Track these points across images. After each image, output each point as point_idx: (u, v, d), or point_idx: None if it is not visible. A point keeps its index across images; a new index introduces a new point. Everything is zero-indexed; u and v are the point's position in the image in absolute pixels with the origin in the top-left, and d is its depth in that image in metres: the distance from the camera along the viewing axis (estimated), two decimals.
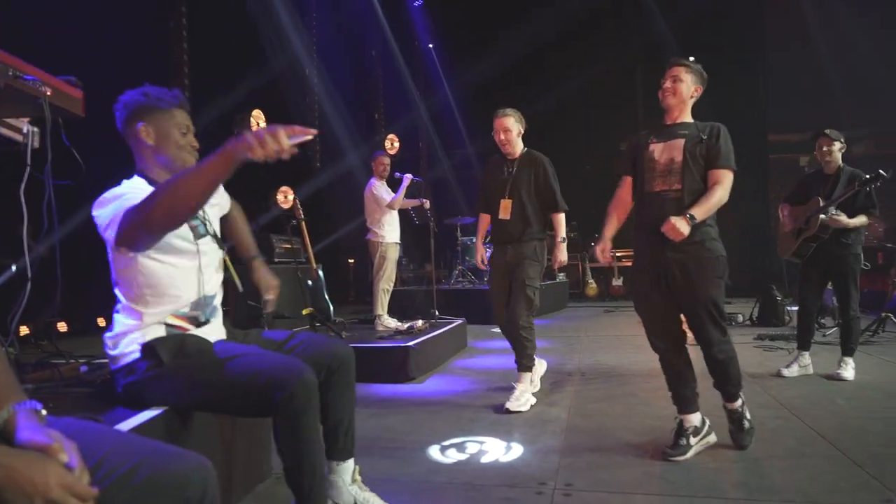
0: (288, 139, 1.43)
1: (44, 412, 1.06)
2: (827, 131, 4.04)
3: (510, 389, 3.58)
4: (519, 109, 3.79)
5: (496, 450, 2.76)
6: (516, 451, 2.73)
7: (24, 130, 2.33)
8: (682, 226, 2.44)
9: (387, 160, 5.80)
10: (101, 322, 6.29)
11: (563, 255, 3.74)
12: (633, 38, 11.78)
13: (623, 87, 12.22)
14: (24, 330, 4.03)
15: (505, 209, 3.65)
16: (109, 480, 1.01)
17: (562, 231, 3.74)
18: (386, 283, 5.57)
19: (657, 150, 2.68)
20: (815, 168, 4.26)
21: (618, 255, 11.45)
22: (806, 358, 4.14)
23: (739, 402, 2.71)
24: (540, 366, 3.98)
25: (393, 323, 5.38)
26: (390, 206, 5.54)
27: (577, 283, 11.44)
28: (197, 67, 6.31)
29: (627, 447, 2.74)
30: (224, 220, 2.18)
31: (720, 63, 11.28)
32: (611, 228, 2.87)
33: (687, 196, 2.57)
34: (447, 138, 12.94)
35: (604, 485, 2.31)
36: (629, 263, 9.12)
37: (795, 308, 4.43)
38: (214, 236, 1.96)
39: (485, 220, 3.89)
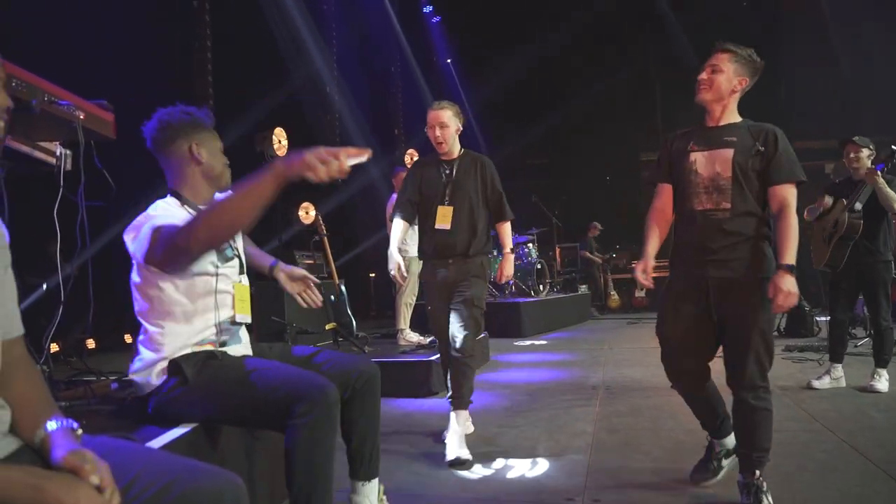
0: (347, 160, 1.43)
1: (79, 431, 1.09)
2: (855, 139, 3.99)
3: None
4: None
5: (521, 465, 2.73)
6: (542, 466, 2.71)
7: (57, 153, 2.39)
8: (789, 285, 2.04)
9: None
10: (128, 339, 6.40)
11: (510, 268, 3.39)
12: (652, 49, 11.76)
13: (642, 100, 12.19)
14: (54, 347, 4.13)
15: (444, 217, 3.14)
16: (142, 499, 1.02)
17: (509, 242, 3.38)
18: (408, 298, 5.58)
19: (700, 160, 2.28)
20: (842, 176, 4.20)
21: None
22: (838, 370, 4.05)
23: (758, 472, 2.19)
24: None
25: (415, 337, 5.38)
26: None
27: (600, 295, 11.35)
28: (220, 86, 6.44)
29: (655, 462, 2.70)
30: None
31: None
32: (653, 245, 2.40)
33: (735, 218, 2.20)
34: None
35: (632, 501, 2.28)
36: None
37: (825, 318, 4.34)
38: (240, 259, 1.96)
39: (401, 227, 3.27)
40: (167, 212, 1.75)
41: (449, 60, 12.78)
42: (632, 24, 11.83)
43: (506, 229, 3.37)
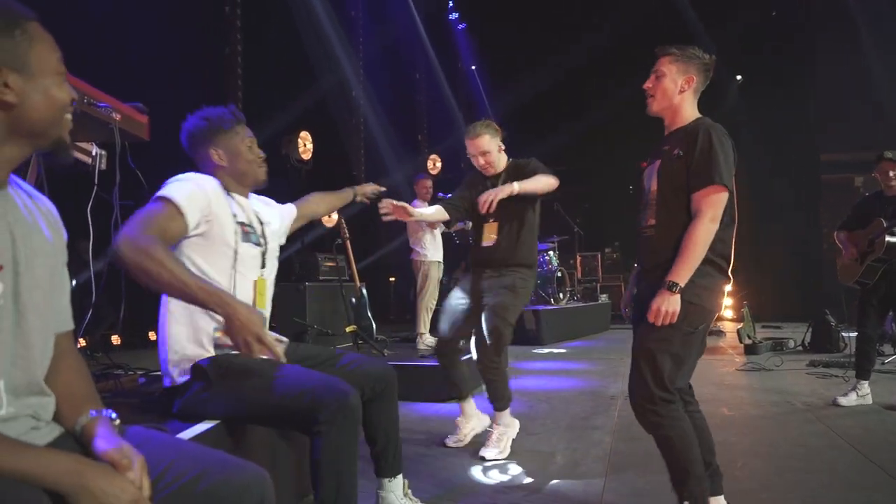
0: (260, 353, 1.43)
1: (117, 421, 1.12)
2: (889, 154, 3.90)
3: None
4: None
5: (539, 472, 2.73)
6: (559, 474, 2.70)
7: (93, 153, 2.47)
8: (667, 305, 1.85)
9: (429, 183, 5.88)
10: (152, 336, 6.52)
11: (496, 191, 2.92)
12: None
13: None
14: (81, 342, 4.24)
15: (489, 234, 3.11)
16: (174, 488, 1.06)
17: (528, 184, 3.00)
18: (429, 302, 5.62)
19: (646, 173, 2.14)
20: (873, 190, 4.13)
21: None
22: (865, 387, 3.97)
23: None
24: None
25: (434, 341, 5.40)
26: (432, 226, 5.57)
27: (619, 305, 11.26)
28: (249, 90, 6.56)
29: None
30: (309, 215, 2.45)
31: (769, 82, 11.11)
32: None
33: (660, 234, 1.98)
34: None
35: None
36: None
37: (851, 334, 4.26)
38: (263, 251, 1.96)
39: (434, 210, 3.25)
40: (196, 177, 1.81)
41: (473, 67, 12.83)
42: (659, 35, 11.78)
43: (535, 178, 3.06)
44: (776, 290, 9.62)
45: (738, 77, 11.91)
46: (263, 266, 1.97)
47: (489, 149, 3.11)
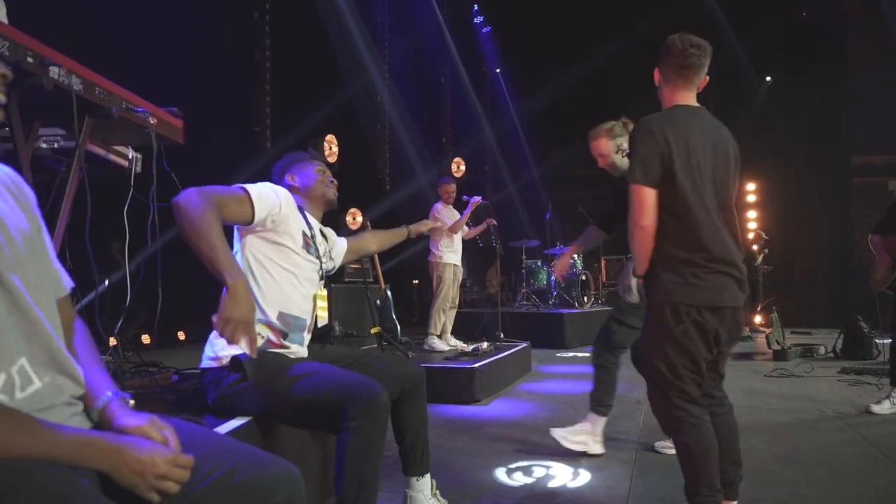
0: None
1: (132, 402, 1.17)
2: None
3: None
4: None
5: (563, 475, 2.73)
6: (584, 477, 2.70)
7: (130, 156, 2.54)
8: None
9: (452, 187, 5.82)
10: (182, 336, 6.66)
11: None
12: (709, 62, 11.54)
13: None
14: (112, 341, 4.34)
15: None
16: (208, 480, 1.09)
17: None
18: (442, 304, 5.54)
19: None
20: None
21: None
22: None
23: None
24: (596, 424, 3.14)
25: (440, 345, 5.38)
26: (452, 230, 5.57)
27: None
28: (278, 94, 6.67)
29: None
30: (359, 250, 2.58)
31: (799, 84, 10.92)
32: None
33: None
34: (513, 162, 13.01)
35: None
36: None
37: (885, 341, 4.17)
38: (321, 265, 2.13)
39: (594, 234, 3.45)
40: (277, 189, 1.97)
41: (498, 70, 12.84)
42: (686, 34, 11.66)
43: None
44: (806, 296, 9.44)
45: (768, 78, 11.73)
46: (321, 279, 2.14)
47: (605, 151, 2.98)
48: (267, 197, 1.90)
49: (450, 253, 5.63)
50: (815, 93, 10.68)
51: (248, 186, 1.87)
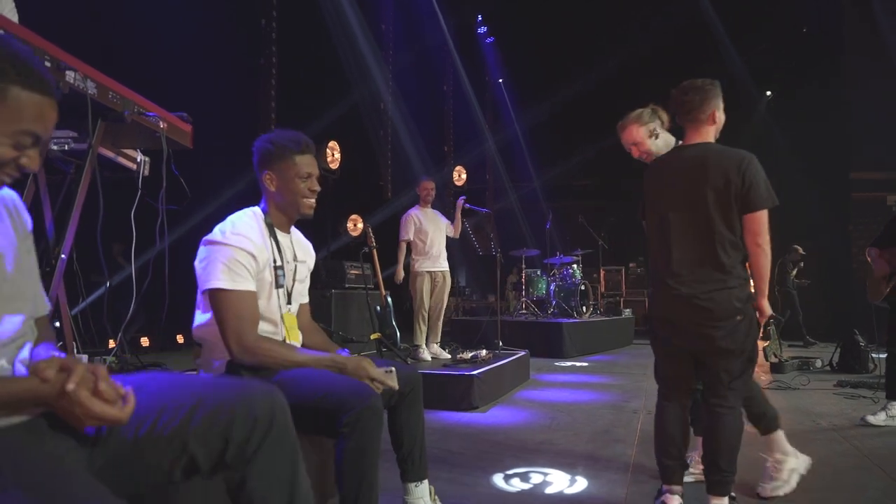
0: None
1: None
2: None
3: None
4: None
5: (560, 482, 2.76)
6: (581, 484, 2.72)
7: (138, 159, 2.59)
8: None
9: (431, 185, 5.61)
10: (180, 339, 6.69)
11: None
12: (707, 75, 11.61)
13: None
14: (111, 343, 4.38)
15: None
16: (183, 412, 1.12)
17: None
18: (419, 313, 5.45)
19: None
20: None
21: None
22: (895, 408, 3.91)
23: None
24: (800, 463, 2.67)
25: (422, 354, 5.35)
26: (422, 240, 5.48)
27: (644, 320, 11.19)
28: (283, 99, 6.73)
29: (697, 487, 2.67)
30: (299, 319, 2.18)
31: (799, 99, 11.00)
32: None
33: None
34: (514, 171, 13.08)
35: None
36: None
37: (881, 355, 4.20)
38: (289, 291, 2.03)
39: None
40: (242, 232, 1.87)
41: (500, 80, 12.94)
42: (689, 52, 11.75)
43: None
44: (804, 310, 9.48)
45: (768, 93, 11.82)
46: (289, 303, 2.04)
47: (639, 138, 2.75)
48: (245, 265, 1.83)
49: (423, 260, 5.49)
50: (815, 108, 10.76)
51: (228, 283, 1.79)
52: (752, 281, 2.26)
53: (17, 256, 1.14)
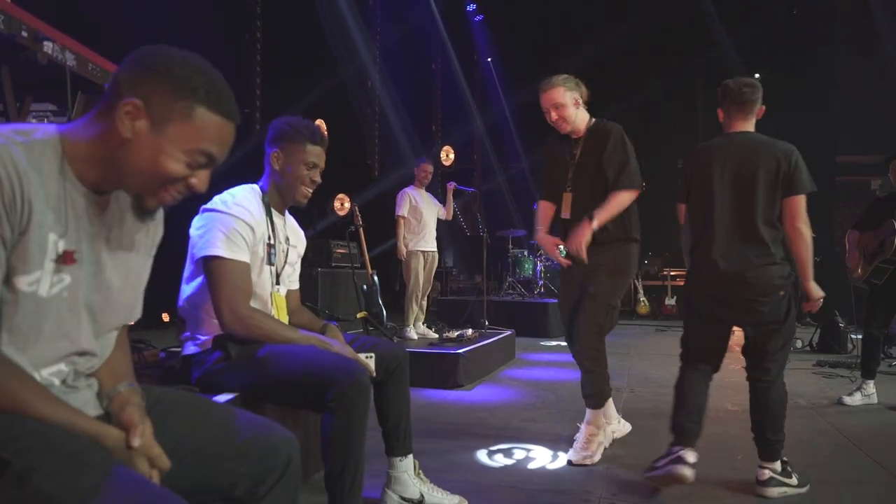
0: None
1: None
2: None
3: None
4: None
5: (543, 457, 2.80)
6: (563, 460, 2.77)
7: None
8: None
9: (430, 168, 5.67)
10: (166, 318, 6.65)
11: (577, 236, 2.69)
12: (697, 56, 11.62)
13: (684, 107, 12.05)
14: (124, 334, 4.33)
15: (566, 205, 2.86)
16: (211, 441, 1.15)
17: (602, 212, 2.71)
18: (413, 293, 5.48)
19: None
20: (889, 192, 4.14)
21: (672, 273, 11.25)
22: (870, 387, 4.00)
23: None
24: (621, 426, 3.07)
25: (409, 333, 5.38)
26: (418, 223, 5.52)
27: (629, 301, 11.29)
28: (268, 77, 6.64)
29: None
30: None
31: (786, 82, 11.02)
32: None
33: None
34: (502, 151, 13.04)
35: (651, 500, 2.32)
36: (682, 283, 8.95)
37: (859, 336, 4.29)
38: (278, 271, 2.04)
39: (546, 209, 2.99)
40: (243, 204, 1.89)
41: (490, 59, 12.83)
42: (678, 32, 11.71)
43: (614, 198, 2.74)
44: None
45: (756, 75, 11.84)
46: (277, 283, 2.04)
47: (563, 101, 2.76)
48: (243, 236, 1.86)
49: (416, 240, 5.52)
50: (801, 91, 10.80)
51: (223, 250, 1.81)
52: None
53: (130, 264, 1.16)
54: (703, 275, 2.46)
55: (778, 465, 2.40)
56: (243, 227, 1.86)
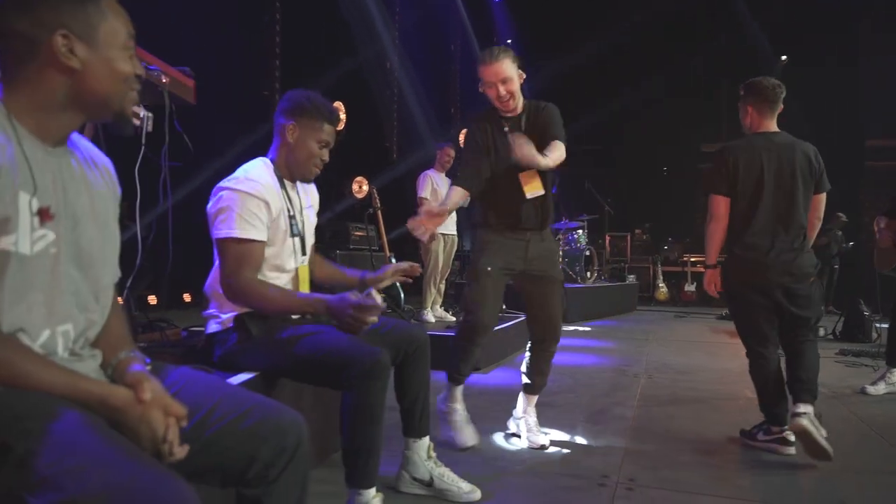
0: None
1: (150, 366, 1.19)
2: None
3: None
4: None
5: (560, 440, 2.80)
6: (580, 443, 2.77)
7: (141, 115, 2.55)
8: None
9: (452, 152, 5.63)
10: (187, 298, 6.73)
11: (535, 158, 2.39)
12: (722, 38, 11.35)
13: (708, 90, 11.81)
14: (118, 300, 4.40)
15: (535, 186, 2.62)
16: (221, 424, 1.14)
17: (551, 160, 2.46)
18: (432, 276, 5.41)
19: None
20: None
21: (692, 259, 11.12)
22: (894, 375, 3.93)
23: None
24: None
25: (426, 316, 5.35)
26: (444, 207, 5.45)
27: (648, 287, 11.20)
28: (288, 58, 6.62)
29: (695, 450, 2.71)
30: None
31: (813, 65, 10.75)
32: None
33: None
34: None
35: (669, 483, 2.31)
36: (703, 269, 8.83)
37: (884, 325, 4.21)
38: (302, 239, 2.05)
39: (458, 195, 2.65)
40: (256, 178, 1.88)
41: (509, 41, 12.67)
42: (703, 14, 11.44)
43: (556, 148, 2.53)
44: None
45: (783, 58, 11.56)
46: (304, 253, 2.06)
47: (511, 75, 2.55)
48: (259, 214, 1.85)
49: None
50: (830, 74, 10.52)
51: (240, 231, 1.81)
52: None
53: (106, 221, 1.18)
54: (750, 263, 2.68)
55: (811, 407, 2.60)
56: (256, 203, 1.85)
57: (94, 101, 1.08)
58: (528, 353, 2.84)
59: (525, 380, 2.84)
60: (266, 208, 1.87)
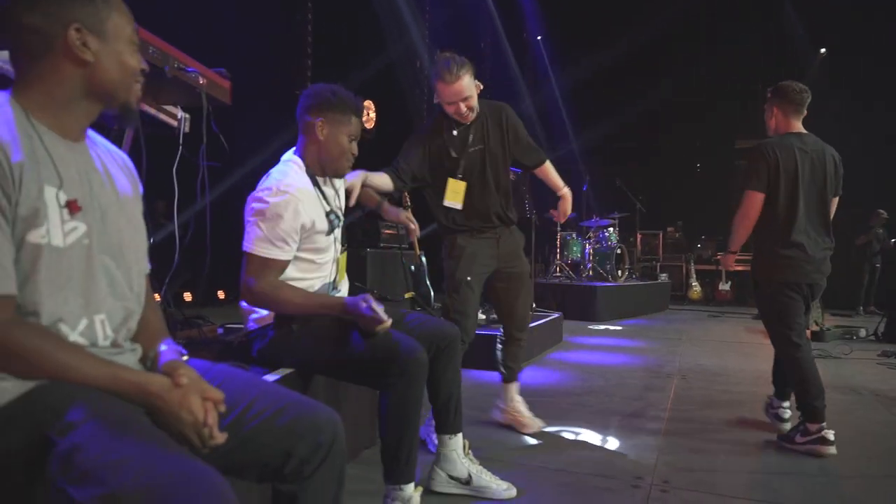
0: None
1: (185, 357, 1.22)
2: None
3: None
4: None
5: (592, 441, 2.78)
6: (612, 444, 2.74)
7: (179, 116, 2.61)
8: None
9: None
10: (221, 295, 6.86)
11: (568, 205, 2.98)
12: (760, 32, 11.08)
13: (745, 86, 11.52)
14: (156, 297, 4.50)
15: (454, 193, 2.76)
16: (257, 421, 1.16)
17: (560, 181, 2.96)
18: None
19: None
20: None
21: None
22: None
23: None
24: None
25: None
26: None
27: (681, 286, 11.02)
28: (319, 57, 6.69)
29: (731, 453, 2.67)
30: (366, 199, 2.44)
31: (854, 54, 10.42)
32: None
33: None
34: (552, 132, 12.81)
35: (704, 486, 2.28)
36: (741, 268, 8.65)
37: None
38: (341, 229, 2.08)
39: (383, 179, 2.68)
40: (292, 185, 1.85)
41: (539, 38, 12.58)
42: (741, 8, 11.18)
43: (549, 170, 2.94)
44: (850, 277, 9.16)
45: (822, 50, 11.24)
46: (343, 244, 2.09)
47: (472, 93, 2.59)
48: (289, 231, 1.82)
49: None
50: (871, 65, 10.18)
51: (267, 251, 1.81)
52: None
53: (132, 214, 1.23)
54: (795, 261, 2.75)
55: None
56: (287, 221, 1.81)
57: (104, 93, 1.12)
58: (500, 346, 3.02)
59: (504, 371, 2.99)
60: (294, 219, 1.83)
